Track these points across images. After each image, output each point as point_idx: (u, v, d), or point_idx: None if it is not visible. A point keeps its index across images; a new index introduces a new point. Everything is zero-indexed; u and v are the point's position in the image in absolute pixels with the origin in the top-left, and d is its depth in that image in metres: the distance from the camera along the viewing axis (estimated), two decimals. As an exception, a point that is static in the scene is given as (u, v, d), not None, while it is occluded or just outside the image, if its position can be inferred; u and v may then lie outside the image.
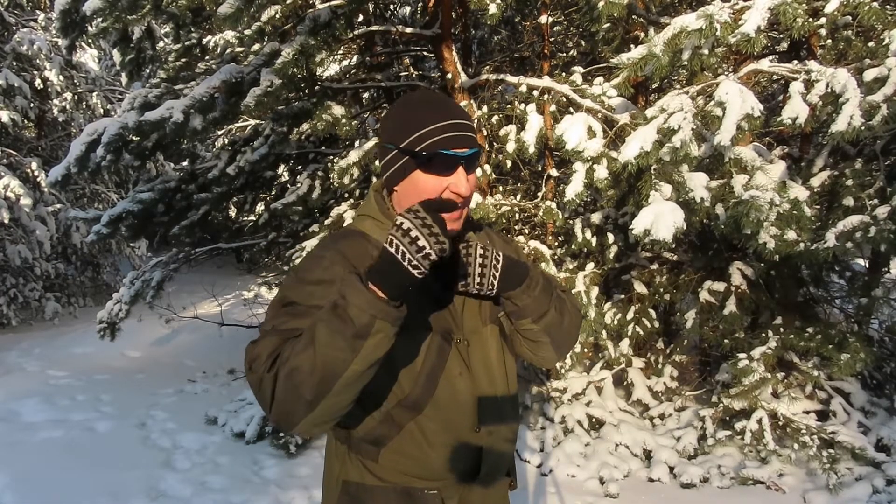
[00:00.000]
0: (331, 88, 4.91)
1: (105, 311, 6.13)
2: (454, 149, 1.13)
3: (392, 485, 1.21)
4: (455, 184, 1.15)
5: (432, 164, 1.14)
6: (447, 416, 1.20)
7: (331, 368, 0.98)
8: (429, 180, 1.15)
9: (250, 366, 1.07)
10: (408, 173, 1.17)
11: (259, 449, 4.39)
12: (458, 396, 1.20)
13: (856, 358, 3.49)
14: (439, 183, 1.15)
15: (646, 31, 4.54)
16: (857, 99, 2.64)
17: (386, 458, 1.20)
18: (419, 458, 1.19)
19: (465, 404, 1.21)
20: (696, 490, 3.73)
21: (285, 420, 1.03)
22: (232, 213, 7.72)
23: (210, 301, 9.01)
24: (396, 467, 1.20)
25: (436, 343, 1.19)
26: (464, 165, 1.15)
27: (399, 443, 1.19)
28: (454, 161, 1.14)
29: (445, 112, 1.16)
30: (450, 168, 1.14)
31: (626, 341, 4.52)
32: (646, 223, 2.93)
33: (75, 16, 4.49)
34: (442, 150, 1.13)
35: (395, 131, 1.18)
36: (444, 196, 1.16)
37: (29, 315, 9.27)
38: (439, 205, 1.10)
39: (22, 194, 8.13)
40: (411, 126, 1.15)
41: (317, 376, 0.98)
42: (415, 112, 1.17)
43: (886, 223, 3.07)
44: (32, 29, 9.69)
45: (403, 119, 1.18)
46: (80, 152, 4.33)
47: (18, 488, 3.61)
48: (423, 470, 1.20)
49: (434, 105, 1.17)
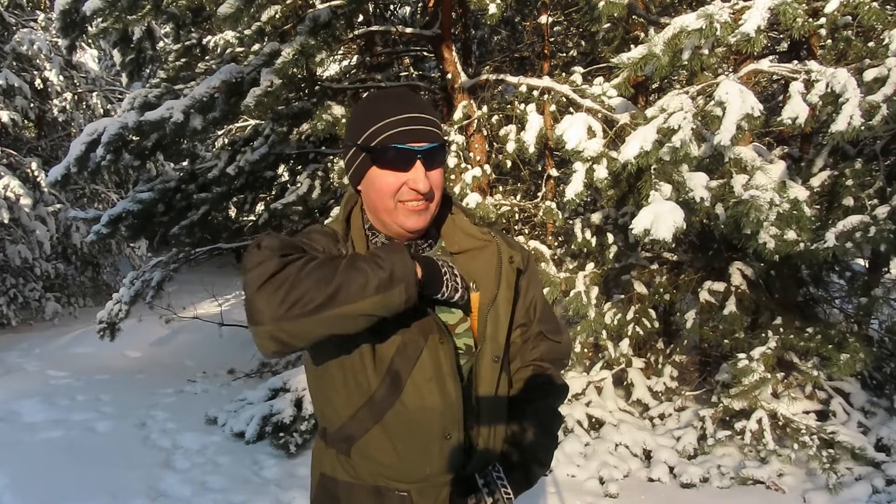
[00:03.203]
0: (331, 88, 4.91)
1: (105, 311, 6.13)
2: (410, 142, 1.08)
3: (363, 482, 1.20)
4: (413, 179, 1.09)
5: (386, 159, 1.09)
6: (414, 419, 1.15)
7: (345, 291, 0.97)
8: (385, 176, 1.10)
9: (260, 244, 1.02)
10: (365, 171, 1.13)
11: (259, 449, 4.39)
12: (426, 401, 1.14)
13: (855, 358, 3.49)
14: (396, 179, 1.10)
15: (646, 31, 4.54)
16: (857, 99, 2.64)
17: (356, 455, 1.19)
18: (386, 461, 1.17)
19: (433, 410, 1.15)
20: (696, 490, 3.73)
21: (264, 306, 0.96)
22: (232, 213, 7.71)
23: (210, 301, 9.02)
24: (367, 466, 1.19)
25: (410, 344, 1.14)
26: (422, 160, 1.10)
27: (366, 443, 1.17)
28: (410, 155, 1.09)
29: (402, 105, 1.10)
30: (406, 163, 1.09)
31: (626, 341, 4.52)
32: (646, 223, 2.93)
33: (75, 16, 4.49)
34: (396, 145, 1.08)
35: (353, 128, 1.15)
36: (401, 195, 1.11)
37: (29, 315, 9.27)
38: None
39: (22, 194, 8.13)
40: (367, 121, 1.11)
41: (329, 289, 0.97)
42: (372, 107, 1.13)
43: (886, 223, 3.07)
44: (32, 29, 9.69)
45: (361, 115, 1.14)
46: (80, 152, 4.34)
47: (18, 488, 3.60)
48: (392, 471, 1.18)
49: (391, 99, 1.12)
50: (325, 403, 1.23)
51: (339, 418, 1.19)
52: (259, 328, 0.97)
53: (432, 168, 1.12)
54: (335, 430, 1.21)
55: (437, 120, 1.16)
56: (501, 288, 1.22)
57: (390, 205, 1.13)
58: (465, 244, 1.25)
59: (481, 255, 1.24)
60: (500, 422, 1.25)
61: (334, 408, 1.20)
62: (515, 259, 1.25)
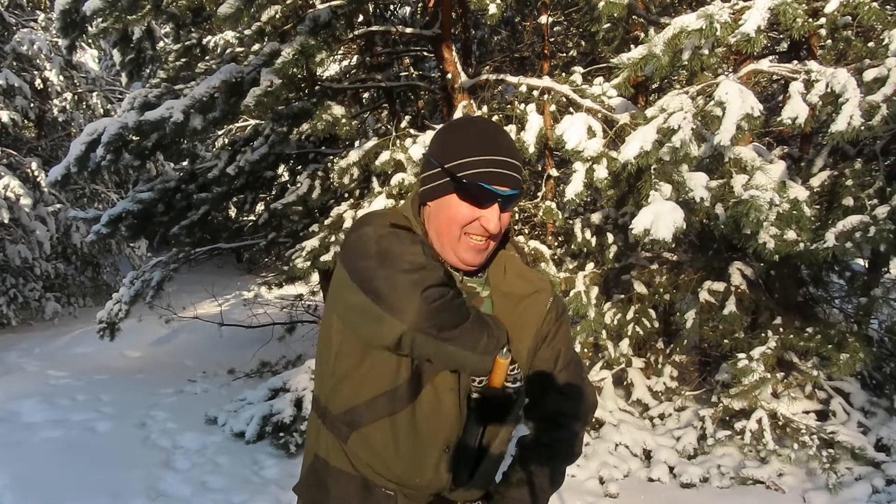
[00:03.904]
0: (331, 88, 4.92)
1: (105, 311, 6.13)
2: (496, 185, 1.13)
3: (353, 472, 1.20)
4: (486, 218, 1.14)
5: (470, 193, 1.13)
6: (424, 423, 1.16)
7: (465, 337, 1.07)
8: (461, 207, 1.14)
9: (409, 265, 1.06)
10: (444, 194, 1.16)
11: (259, 449, 4.39)
12: (441, 409, 1.16)
13: (855, 358, 3.49)
14: (471, 213, 1.14)
15: (646, 31, 4.54)
16: (857, 99, 2.64)
17: (354, 443, 1.18)
18: (384, 456, 1.17)
19: (445, 420, 1.16)
20: (696, 490, 3.73)
21: (413, 310, 1.03)
22: (232, 213, 7.72)
23: (210, 301, 9.02)
24: (362, 456, 1.18)
25: None
26: (500, 203, 1.14)
27: (370, 432, 1.16)
28: (492, 196, 1.13)
29: (497, 146, 1.15)
30: (486, 202, 1.14)
31: (626, 341, 4.52)
32: (646, 223, 2.93)
33: (75, 16, 4.49)
34: (483, 183, 1.12)
35: (443, 149, 1.17)
36: (470, 228, 1.15)
37: (29, 315, 9.28)
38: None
39: (22, 194, 8.14)
40: (461, 150, 1.14)
41: (458, 330, 1.07)
42: (468, 136, 1.16)
43: (886, 223, 3.07)
44: (32, 29, 9.70)
45: (455, 140, 1.17)
46: (80, 152, 4.33)
47: (18, 488, 3.61)
48: (385, 469, 1.18)
49: (488, 136, 1.16)
50: (339, 382, 1.20)
51: (349, 400, 1.18)
52: (394, 322, 1.03)
53: (505, 211, 1.17)
54: (341, 412, 1.19)
55: (521, 166, 1.19)
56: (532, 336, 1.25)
57: (456, 234, 1.16)
58: (518, 288, 1.26)
59: (531, 304, 1.26)
60: (495, 460, 1.25)
61: (350, 388, 1.18)
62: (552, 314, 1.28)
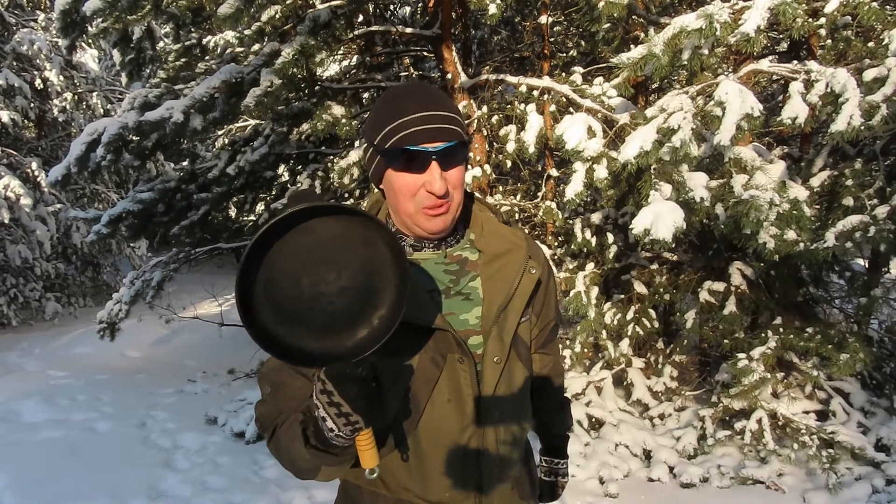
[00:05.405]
0: (331, 88, 4.91)
1: (105, 311, 6.12)
2: (423, 143, 1.03)
3: (387, 494, 1.18)
4: (429, 182, 1.04)
5: (400, 161, 1.04)
6: (432, 442, 1.13)
7: (303, 471, 1.11)
8: (402, 178, 1.06)
9: (260, 427, 1.18)
10: (383, 171, 1.09)
11: (259, 449, 4.39)
12: (444, 423, 1.12)
13: (855, 358, 3.49)
14: (413, 181, 1.05)
15: (646, 31, 4.54)
16: (857, 99, 2.64)
17: (381, 467, 1.16)
18: (407, 479, 1.15)
19: (451, 432, 1.13)
20: (696, 490, 3.73)
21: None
22: (232, 213, 7.71)
23: (210, 301, 9.01)
24: (391, 479, 1.17)
25: (429, 366, 1.11)
26: (438, 161, 1.04)
27: (389, 458, 1.15)
28: (424, 157, 1.03)
29: (417, 104, 1.04)
30: (421, 165, 1.04)
31: (626, 341, 4.52)
32: (646, 223, 2.93)
33: (75, 16, 4.49)
34: (408, 147, 1.03)
35: (370, 127, 1.10)
36: (418, 195, 1.07)
37: (29, 315, 9.28)
38: (341, 369, 0.92)
39: (22, 194, 8.14)
40: (382, 121, 1.06)
41: (295, 470, 1.12)
42: (387, 105, 1.08)
43: (886, 223, 3.07)
44: (32, 29, 9.69)
45: (377, 113, 1.09)
46: (80, 152, 4.33)
47: (18, 488, 3.61)
48: (415, 487, 1.16)
49: (407, 96, 1.07)
50: None
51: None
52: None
53: (450, 168, 1.07)
54: None
55: (456, 114, 1.09)
56: (516, 296, 1.19)
57: (410, 208, 1.09)
58: (496, 246, 1.20)
59: (510, 260, 1.20)
60: (505, 423, 1.22)
61: None
62: (536, 271, 1.22)
